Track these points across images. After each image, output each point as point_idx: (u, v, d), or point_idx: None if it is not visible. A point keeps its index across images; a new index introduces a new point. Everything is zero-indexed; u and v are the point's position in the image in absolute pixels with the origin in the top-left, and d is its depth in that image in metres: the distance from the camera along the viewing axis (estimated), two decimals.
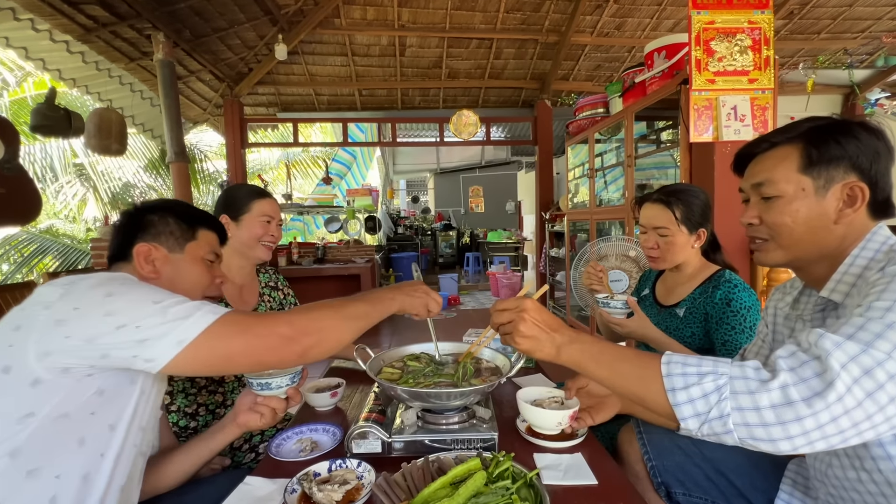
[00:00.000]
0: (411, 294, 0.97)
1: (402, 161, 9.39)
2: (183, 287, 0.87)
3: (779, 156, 0.76)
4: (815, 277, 0.78)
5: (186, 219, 0.93)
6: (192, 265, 0.92)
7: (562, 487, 0.81)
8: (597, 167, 3.99)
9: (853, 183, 0.70)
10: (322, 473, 0.87)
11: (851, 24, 5.34)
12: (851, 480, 0.71)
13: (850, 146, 0.70)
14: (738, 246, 2.33)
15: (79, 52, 3.77)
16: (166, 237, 0.90)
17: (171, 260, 0.90)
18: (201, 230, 0.95)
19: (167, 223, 0.90)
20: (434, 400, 0.94)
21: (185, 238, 0.92)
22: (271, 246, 1.41)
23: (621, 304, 1.24)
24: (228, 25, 4.48)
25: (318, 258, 5.17)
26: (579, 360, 0.73)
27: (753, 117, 2.35)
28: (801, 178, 0.73)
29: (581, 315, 4.47)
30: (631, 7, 4.86)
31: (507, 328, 0.79)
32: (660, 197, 1.34)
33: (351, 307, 0.85)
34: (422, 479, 0.76)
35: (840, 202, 0.71)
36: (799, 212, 0.73)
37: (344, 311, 0.83)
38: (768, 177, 0.76)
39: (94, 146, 3.38)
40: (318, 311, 0.81)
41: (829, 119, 0.75)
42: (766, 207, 0.77)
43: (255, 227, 1.37)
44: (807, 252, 0.75)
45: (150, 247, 0.87)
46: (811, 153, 0.72)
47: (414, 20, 4.96)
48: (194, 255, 0.92)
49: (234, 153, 5.31)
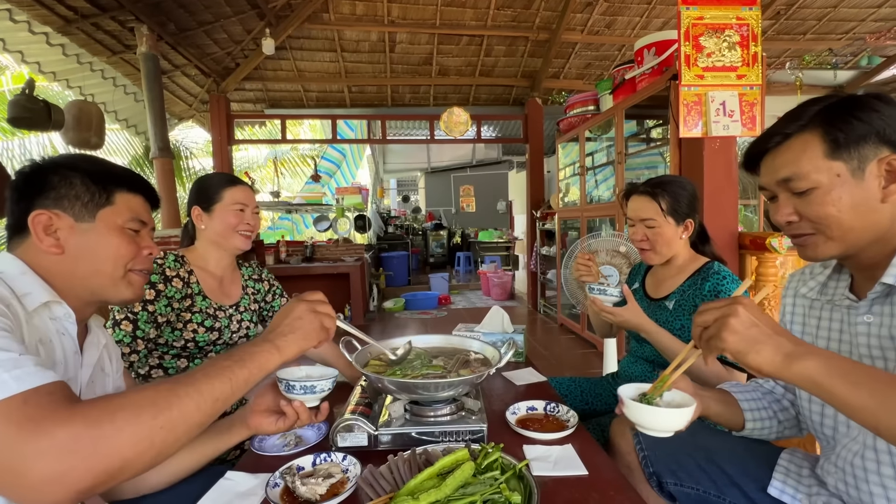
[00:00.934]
0: (295, 327, 0.73)
1: (392, 160, 9.34)
2: (97, 263, 0.74)
3: (798, 146, 0.71)
4: (866, 263, 0.73)
5: (98, 179, 0.75)
6: (108, 236, 0.74)
7: (552, 478, 0.79)
8: (587, 166, 4.00)
9: (888, 157, 0.66)
10: (306, 467, 0.85)
11: (836, 25, 5.43)
12: (885, 477, 0.69)
13: (874, 119, 0.66)
14: (728, 239, 2.34)
15: (59, 44, 3.67)
16: (71, 202, 0.72)
17: (79, 230, 0.72)
18: (120, 193, 0.77)
19: (72, 185, 0.72)
20: (422, 391, 0.91)
21: (97, 203, 0.74)
22: (249, 235, 1.35)
23: (616, 293, 1.23)
24: (214, 19, 4.41)
25: (307, 257, 5.12)
26: (821, 377, 0.58)
27: (742, 113, 2.36)
28: (831, 165, 0.68)
29: (572, 313, 4.48)
30: (621, 5, 4.88)
31: (712, 329, 0.64)
32: (645, 189, 1.33)
33: (187, 401, 0.58)
34: (408, 472, 0.74)
35: (881, 179, 0.67)
36: (842, 199, 0.68)
37: (176, 410, 0.56)
38: (794, 171, 0.70)
39: (72, 140, 3.30)
40: (130, 414, 0.53)
41: (837, 97, 0.71)
42: (803, 202, 0.71)
43: (229, 216, 1.30)
44: (860, 238, 0.69)
45: (49, 214, 0.70)
46: (837, 136, 0.67)
47: (404, 16, 4.93)
48: (110, 223, 0.75)
49: (220, 150, 5.23)
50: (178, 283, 1.24)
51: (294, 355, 0.72)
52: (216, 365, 0.64)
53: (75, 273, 0.73)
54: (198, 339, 1.23)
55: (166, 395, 0.57)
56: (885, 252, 0.69)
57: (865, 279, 0.75)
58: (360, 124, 6.43)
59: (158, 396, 0.56)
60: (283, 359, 0.71)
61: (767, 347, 0.61)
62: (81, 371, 0.75)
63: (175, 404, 0.56)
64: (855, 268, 0.78)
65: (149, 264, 0.83)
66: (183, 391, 0.58)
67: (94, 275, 0.74)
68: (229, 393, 0.63)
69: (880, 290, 0.69)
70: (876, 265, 0.71)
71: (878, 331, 0.70)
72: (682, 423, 0.76)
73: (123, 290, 0.78)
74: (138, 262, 0.79)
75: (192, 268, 1.29)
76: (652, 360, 1.35)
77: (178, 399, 0.57)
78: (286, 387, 0.82)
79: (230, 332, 1.30)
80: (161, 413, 0.55)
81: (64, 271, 0.72)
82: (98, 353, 0.79)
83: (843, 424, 0.78)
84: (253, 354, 0.68)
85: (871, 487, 0.70)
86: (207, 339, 1.25)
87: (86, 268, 0.73)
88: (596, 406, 1.49)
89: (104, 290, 0.76)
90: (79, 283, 0.73)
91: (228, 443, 0.86)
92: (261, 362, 0.68)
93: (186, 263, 1.29)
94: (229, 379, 0.63)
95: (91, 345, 0.78)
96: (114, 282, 0.76)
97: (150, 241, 0.83)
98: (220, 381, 0.62)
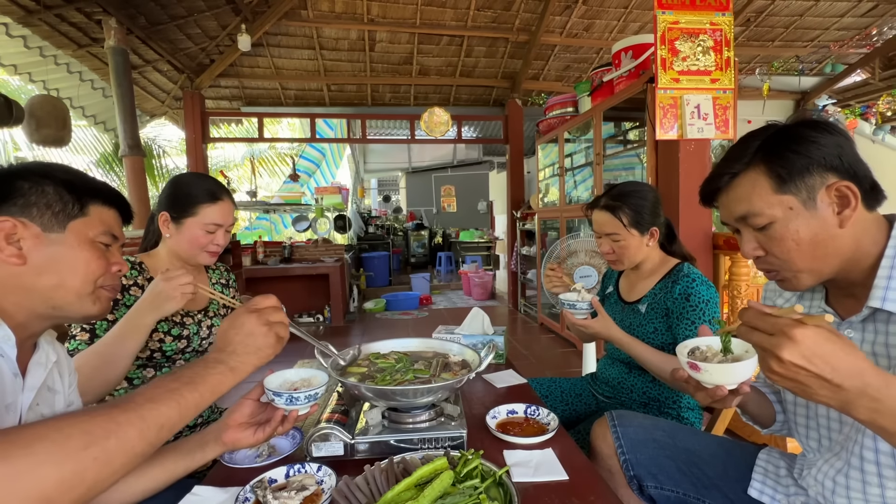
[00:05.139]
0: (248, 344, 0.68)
1: (373, 160, 9.26)
2: (63, 276, 0.68)
3: (747, 184, 0.72)
4: (841, 283, 0.73)
5: (73, 189, 0.70)
6: (77, 249, 0.69)
7: (532, 484, 0.78)
8: (567, 167, 4.04)
9: (836, 184, 0.66)
10: (279, 479, 0.81)
11: (802, 33, 5.63)
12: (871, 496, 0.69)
13: (812, 150, 0.67)
14: (702, 240, 2.39)
15: (20, 35, 3.51)
16: (41, 210, 0.67)
17: (46, 241, 0.67)
18: (94, 205, 0.72)
19: (43, 193, 0.67)
20: (400, 397, 0.89)
21: (69, 214, 0.69)
22: (217, 252, 1.25)
23: (586, 306, 1.22)
24: (187, 13, 4.28)
25: (285, 258, 5.02)
26: (882, 422, 0.53)
27: (716, 116, 2.41)
28: (782, 199, 0.68)
29: (552, 313, 4.51)
30: (599, 9, 4.95)
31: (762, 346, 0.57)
32: (606, 203, 1.32)
33: (128, 428, 0.51)
34: (385, 483, 0.71)
35: (833, 205, 0.67)
36: (799, 231, 0.68)
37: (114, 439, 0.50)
38: (749, 208, 0.71)
39: (35, 137, 3.15)
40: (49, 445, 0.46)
41: (773, 128, 0.71)
42: (766, 237, 0.72)
43: (198, 235, 1.19)
44: (829, 265, 0.70)
45: (14, 222, 0.64)
46: (779, 172, 0.68)
47: (384, 14, 4.88)
48: (81, 235, 0.70)
49: (194, 148, 5.08)
50: (138, 293, 1.15)
51: (248, 374, 0.68)
52: (162, 387, 0.58)
53: (35, 286, 0.67)
54: (165, 348, 1.17)
55: (102, 421, 0.50)
56: (858, 270, 0.70)
57: (842, 296, 0.76)
58: (340, 123, 6.34)
59: (92, 423, 0.49)
60: (237, 380, 0.66)
61: (818, 394, 0.54)
62: (22, 395, 0.68)
63: (113, 432, 0.50)
64: (829, 286, 0.78)
65: (116, 280, 0.78)
66: (123, 417, 0.51)
67: (58, 289, 0.68)
68: (177, 420, 0.57)
69: (866, 314, 0.70)
70: (851, 283, 0.72)
71: (860, 347, 0.71)
72: (749, 374, 0.69)
73: (88, 305, 0.71)
74: (107, 279, 0.74)
75: (152, 275, 1.21)
76: (627, 361, 1.36)
77: (116, 426, 0.50)
78: (288, 399, 0.77)
79: (199, 338, 1.24)
80: (95, 443, 0.48)
81: (21, 285, 0.66)
82: (45, 372, 0.72)
83: (827, 439, 0.78)
84: (205, 377, 0.62)
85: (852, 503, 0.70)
86: (175, 348, 1.18)
87: (49, 281, 0.67)
88: (576, 406, 1.49)
89: (68, 305, 0.70)
90: (38, 297, 0.67)
91: (201, 460, 0.81)
92: (213, 385, 0.62)
93: (145, 271, 1.20)
94: (177, 403, 0.57)
95: (37, 365, 0.72)
96: (79, 297, 0.70)
97: (120, 257, 0.78)
98: (166, 405, 0.56)
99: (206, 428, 0.84)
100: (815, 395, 0.54)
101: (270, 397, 0.78)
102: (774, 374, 0.55)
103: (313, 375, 0.85)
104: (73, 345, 1.08)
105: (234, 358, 0.66)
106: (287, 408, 0.78)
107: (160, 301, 1.00)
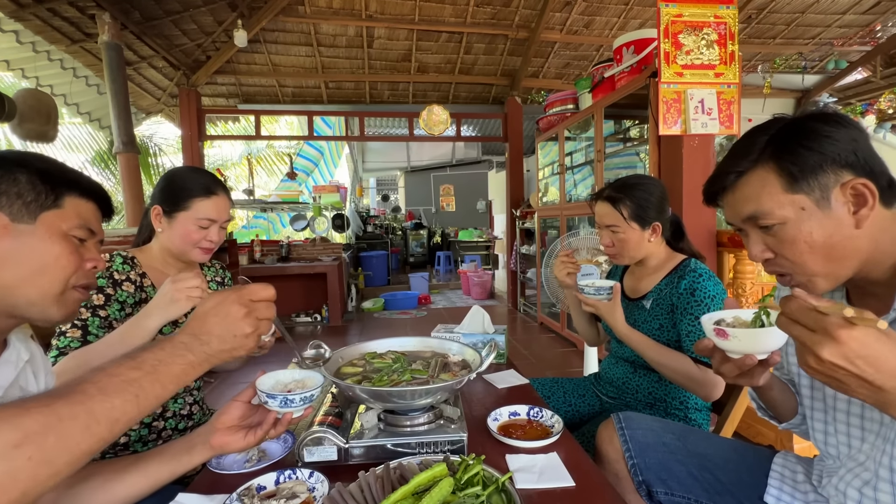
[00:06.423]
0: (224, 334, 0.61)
1: (371, 159, 9.21)
2: (27, 271, 0.62)
3: (755, 183, 0.67)
4: (860, 283, 0.69)
5: (48, 178, 0.65)
6: (48, 242, 0.64)
7: (536, 491, 0.74)
8: (567, 165, 3.99)
9: (851, 181, 0.61)
10: (268, 486, 0.77)
11: (804, 30, 5.60)
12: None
13: (825, 146, 0.62)
14: (706, 237, 2.35)
15: (12, 30, 3.45)
16: (11, 199, 0.62)
17: (13, 231, 0.62)
18: (70, 197, 0.68)
19: (15, 181, 0.63)
20: (397, 399, 0.84)
21: (42, 204, 0.64)
22: (210, 249, 1.20)
23: (607, 287, 1.22)
24: (183, 8, 4.22)
25: (283, 256, 4.98)
26: None
27: (720, 111, 2.37)
28: (793, 198, 0.63)
29: (552, 312, 4.47)
30: (599, 5, 4.90)
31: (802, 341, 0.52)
32: (609, 194, 1.30)
33: (71, 424, 0.45)
34: (381, 491, 0.67)
35: (849, 205, 0.63)
36: (812, 233, 0.63)
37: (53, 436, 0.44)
38: (757, 208, 0.66)
39: (23, 132, 3.10)
40: None
41: (782, 122, 0.66)
42: (774, 239, 0.67)
43: (191, 230, 1.14)
44: (845, 268, 0.65)
45: None
46: (790, 170, 0.63)
47: (382, 10, 4.84)
48: (53, 227, 0.65)
49: (190, 146, 5.03)
50: (130, 288, 1.12)
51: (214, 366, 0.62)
52: (119, 375, 0.51)
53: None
54: None
55: (39, 414, 0.43)
56: (879, 271, 0.65)
57: (863, 295, 0.71)
58: (338, 121, 6.29)
59: (26, 417, 0.42)
60: (203, 372, 0.60)
61: (856, 392, 0.51)
62: None
63: (53, 428, 0.43)
64: (849, 285, 0.74)
65: (91, 279, 0.71)
66: (66, 411, 0.45)
67: (21, 285, 0.62)
68: (135, 414, 0.50)
69: (894, 316, 0.64)
70: (872, 283, 0.67)
71: None
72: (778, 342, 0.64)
73: (53, 309, 0.65)
74: (80, 277, 0.68)
75: (145, 270, 1.17)
76: (633, 360, 1.32)
77: (57, 421, 0.44)
78: (283, 401, 0.73)
79: None
80: (29, 440, 0.42)
81: None
82: (16, 371, 0.67)
83: (846, 446, 0.74)
84: (170, 366, 0.56)
85: None
86: None
87: (12, 275, 0.61)
88: (579, 407, 1.45)
89: (29, 305, 0.63)
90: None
91: (188, 465, 0.76)
92: (176, 376, 0.56)
93: (137, 266, 1.16)
94: (135, 396, 0.51)
95: (6, 363, 0.66)
96: (43, 297, 0.64)
97: (97, 253, 0.72)
98: (122, 398, 0.50)
99: (194, 431, 0.79)
100: (853, 393, 0.51)
101: (264, 399, 0.74)
102: (811, 369, 0.51)
103: (307, 376, 0.82)
104: (64, 342, 1.02)
105: (206, 349, 0.60)
106: (281, 410, 0.75)
107: (166, 303, 0.96)
